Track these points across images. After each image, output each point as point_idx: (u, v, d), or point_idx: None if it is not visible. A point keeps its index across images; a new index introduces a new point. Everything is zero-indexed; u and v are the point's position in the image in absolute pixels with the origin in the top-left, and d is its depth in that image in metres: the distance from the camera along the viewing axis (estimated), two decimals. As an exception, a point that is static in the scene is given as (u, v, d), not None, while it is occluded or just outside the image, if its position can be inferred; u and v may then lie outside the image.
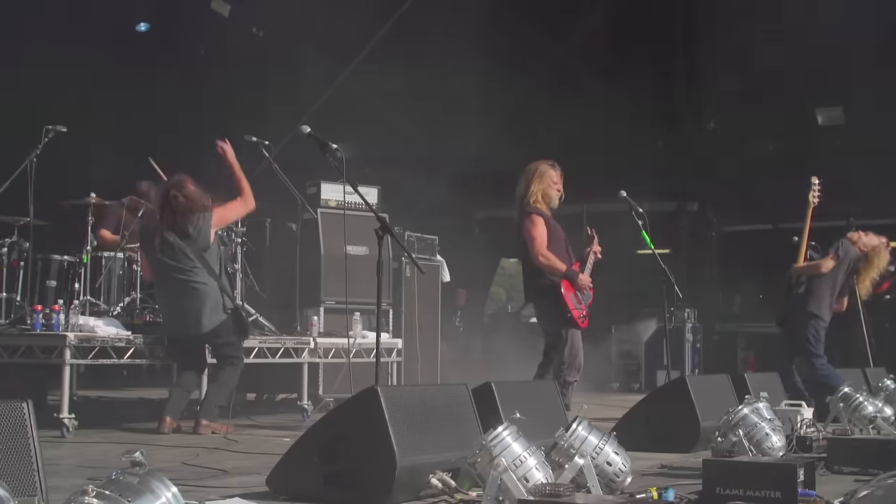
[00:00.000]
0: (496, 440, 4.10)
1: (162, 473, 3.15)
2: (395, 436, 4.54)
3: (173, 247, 8.07)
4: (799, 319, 9.78)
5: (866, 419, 7.05)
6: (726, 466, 4.88)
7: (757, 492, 4.53)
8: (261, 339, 9.51)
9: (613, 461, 4.68)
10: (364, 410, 4.66)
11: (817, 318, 9.73)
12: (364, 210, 9.27)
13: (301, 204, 10.48)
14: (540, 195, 8.58)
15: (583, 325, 8.51)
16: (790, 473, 4.56)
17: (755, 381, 7.68)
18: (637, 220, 8.56)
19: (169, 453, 6.65)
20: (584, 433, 4.60)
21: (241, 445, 7.29)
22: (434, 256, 11.98)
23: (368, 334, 9.99)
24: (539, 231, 8.46)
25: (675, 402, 7.17)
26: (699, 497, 4.70)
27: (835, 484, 5.25)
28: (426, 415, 4.89)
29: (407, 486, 4.58)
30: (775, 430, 5.84)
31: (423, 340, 11.50)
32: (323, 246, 10.51)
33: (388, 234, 6.53)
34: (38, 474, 3.76)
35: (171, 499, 3.08)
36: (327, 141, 6.68)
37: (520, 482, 3.94)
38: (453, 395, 5.23)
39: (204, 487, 5.06)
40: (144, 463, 3.12)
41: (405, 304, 11.28)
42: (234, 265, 10.10)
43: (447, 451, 4.71)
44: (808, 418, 6.72)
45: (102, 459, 6.23)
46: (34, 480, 3.74)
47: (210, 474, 5.75)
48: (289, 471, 4.89)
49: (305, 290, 10.65)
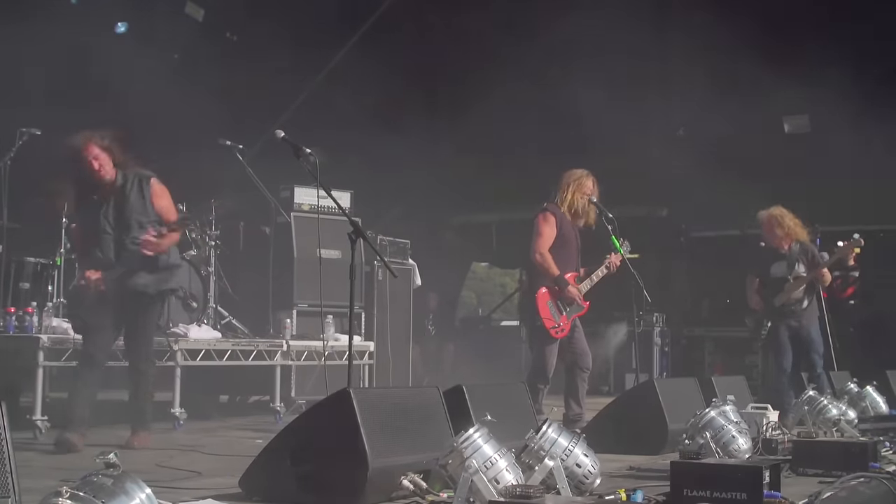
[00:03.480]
0: (467, 442, 4.11)
1: (136, 475, 3.14)
2: (367, 438, 4.55)
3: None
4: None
5: (830, 422, 7.09)
6: (694, 468, 4.90)
7: (724, 493, 4.54)
8: (234, 341, 9.51)
9: (583, 463, 4.71)
10: (336, 412, 4.66)
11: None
12: (337, 214, 9.26)
13: (274, 207, 10.48)
14: (570, 201, 8.48)
15: (556, 336, 8.33)
16: (756, 475, 4.59)
17: (722, 385, 7.72)
18: (607, 225, 8.54)
19: (142, 455, 6.63)
20: (553, 435, 4.62)
21: (215, 447, 7.28)
22: (406, 260, 12.00)
23: (341, 337, 10.00)
24: (547, 229, 8.36)
25: (644, 405, 7.21)
26: (667, 498, 4.71)
27: (800, 486, 5.28)
28: (398, 417, 4.90)
29: (379, 487, 4.59)
30: (741, 432, 5.88)
31: (395, 343, 11.51)
32: (296, 249, 10.51)
33: (360, 238, 6.52)
34: (12, 475, 3.74)
35: (145, 500, 3.09)
36: (301, 145, 6.67)
37: (490, 483, 3.95)
38: (425, 398, 5.25)
39: (177, 489, 5.05)
40: (118, 464, 3.12)
41: (377, 307, 11.28)
42: (207, 268, 10.08)
43: (419, 452, 4.72)
44: (773, 421, 6.76)
45: (76, 461, 6.20)
46: (7, 482, 3.72)
47: (183, 476, 5.74)
48: (262, 472, 4.88)
49: (278, 293, 10.64)
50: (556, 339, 8.30)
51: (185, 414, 8.73)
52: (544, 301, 8.26)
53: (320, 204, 9.97)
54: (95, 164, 7.34)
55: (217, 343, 9.31)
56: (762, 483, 4.57)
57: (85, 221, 7.61)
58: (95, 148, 7.36)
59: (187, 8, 16.76)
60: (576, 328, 8.48)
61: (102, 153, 7.38)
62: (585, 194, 8.47)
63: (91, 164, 7.34)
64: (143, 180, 7.50)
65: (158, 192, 7.55)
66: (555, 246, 8.35)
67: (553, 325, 8.25)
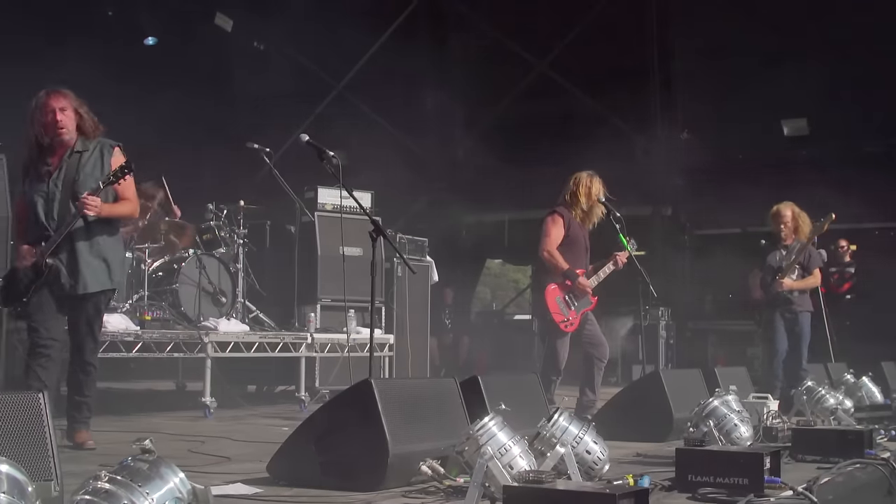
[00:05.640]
0: (483, 430, 4.12)
1: (170, 460, 3.15)
2: (388, 426, 4.55)
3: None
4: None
5: (828, 411, 7.07)
6: (698, 455, 4.90)
7: (726, 479, 4.55)
8: (261, 334, 9.53)
9: (592, 450, 4.70)
10: (358, 402, 4.66)
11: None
12: (359, 213, 9.28)
13: (299, 207, 10.50)
14: (579, 203, 8.43)
15: (566, 330, 8.24)
16: (757, 461, 4.58)
17: (725, 375, 7.70)
18: (615, 224, 8.50)
19: (175, 441, 6.65)
20: (564, 423, 4.61)
21: (243, 434, 7.30)
22: (424, 257, 11.99)
23: (362, 330, 10.03)
24: (555, 229, 8.29)
25: (650, 395, 7.19)
26: (672, 483, 4.71)
27: (799, 471, 5.27)
28: (417, 406, 4.90)
29: (398, 472, 4.59)
30: (743, 421, 5.87)
31: (414, 336, 11.51)
32: (320, 247, 10.53)
33: (381, 236, 6.52)
34: (54, 461, 3.78)
35: (179, 484, 3.09)
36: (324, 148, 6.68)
37: (505, 469, 3.95)
38: (442, 388, 5.25)
39: (208, 473, 5.07)
40: (153, 450, 3.13)
41: (397, 302, 11.28)
42: (236, 265, 10.11)
43: (436, 440, 4.72)
44: (773, 410, 6.75)
45: (113, 447, 6.22)
46: (49, 466, 3.75)
47: (214, 461, 5.76)
48: (288, 458, 4.89)
49: (303, 289, 10.67)
50: (566, 333, 8.24)
51: (215, 403, 8.75)
52: (553, 297, 8.20)
53: (343, 204, 10.06)
54: (58, 115, 5.99)
55: (245, 336, 9.33)
56: (763, 469, 4.57)
57: (32, 188, 6.09)
58: (63, 100, 6.04)
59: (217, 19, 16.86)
60: (589, 321, 8.40)
61: (69, 110, 6.04)
62: (593, 195, 8.42)
63: (53, 115, 5.98)
64: (105, 147, 6.18)
65: (120, 162, 6.10)
66: (562, 246, 8.28)
67: (562, 319, 8.19)
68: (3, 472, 2.77)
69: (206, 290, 9.58)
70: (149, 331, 8.60)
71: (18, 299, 6.01)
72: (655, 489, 4.56)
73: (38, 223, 6.03)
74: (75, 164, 6.03)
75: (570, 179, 8.52)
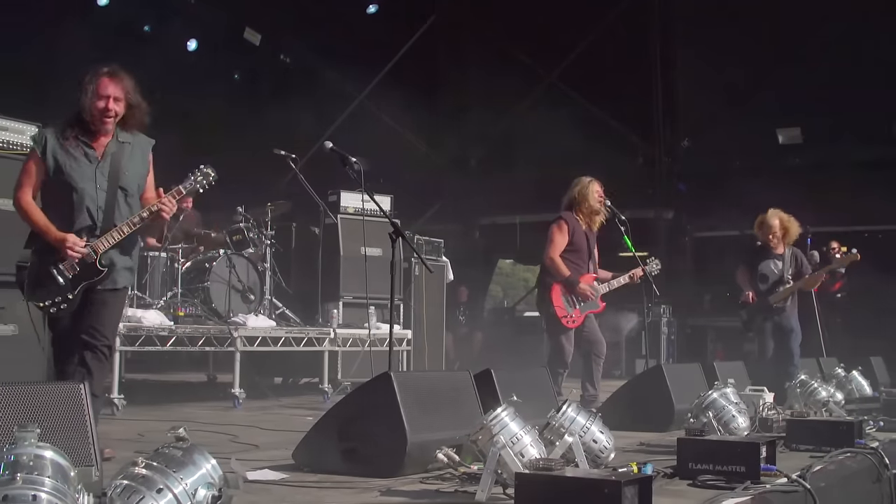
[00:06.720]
0: (495, 420, 4.11)
1: (202, 447, 3.16)
2: (406, 416, 4.56)
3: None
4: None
5: (820, 403, 7.04)
6: (698, 444, 4.90)
7: (725, 466, 4.55)
8: (287, 329, 9.55)
9: (599, 439, 4.70)
10: (379, 393, 4.67)
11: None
12: (379, 216, 9.30)
13: (323, 210, 10.51)
14: (582, 207, 8.38)
15: (568, 325, 8.15)
16: (754, 450, 4.58)
17: (723, 370, 7.67)
18: (620, 226, 8.47)
19: (207, 430, 6.66)
20: (572, 414, 4.61)
21: (270, 423, 7.31)
22: (440, 257, 11.98)
23: (382, 325, 10.02)
24: (559, 236, 8.20)
25: (653, 387, 7.18)
26: (674, 471, 4.72)
27: (793, 460, 5.26)
28: (433, 397, 4.90)
29: (416, 460, 4.60)
30: (741, 412, 5.86)
31: (430, 332, 11.49)
32: (342, 248, 10.54)
33: (400, 238, 6.52)
34: (94, 447, 3.79)
35: (211, 469, 3.10)
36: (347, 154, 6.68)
37: (516, 457, 3.95)
38: (457, 381, 5.25)
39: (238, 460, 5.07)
40: (187, 438, 3.14)
41: (414, 299, 11.27)
42: (263, 264, 10.13)
43: (452, 429, 4.71)
44: (769, 402, 6.73)
45: (149, 435, 6.25)
46: (90, 453, 3.77)
47: (243, 448, 5.77)
48: (312, 446, 4.90)
49: (326, 287, 10.68)
50: (569, 329, 8.15)
51: (244, 394, 8.77)
52: (558, 293, 8.15)
53: (364, 207, 10.08)
54: (111, 104, 5.20)
55: (272, 331, 9.35)
56: (759, 457, 4.56)
57: (72, 170, 5.17)
58: (119, 89, 5.23)
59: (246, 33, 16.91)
60: (588, 319, 8.37)
61: (122, 101, 5.26)
62: (596, 199, 8.37)
63: (106, 103, 5.18)
64: (146, 144, 5.48)
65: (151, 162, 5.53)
66: (566, 252, 8.23)
67: (565, 314, 8.10)
68: (48, 457, 2.79)
69: (235, 287, 9.60)
70: (182, 326, 8.65)
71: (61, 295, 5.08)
72: (658, 476, 4.56)
73: (82, 211, 5.18)
74: (119, 158, 5.29)
75: (572, 185, 8.49)
